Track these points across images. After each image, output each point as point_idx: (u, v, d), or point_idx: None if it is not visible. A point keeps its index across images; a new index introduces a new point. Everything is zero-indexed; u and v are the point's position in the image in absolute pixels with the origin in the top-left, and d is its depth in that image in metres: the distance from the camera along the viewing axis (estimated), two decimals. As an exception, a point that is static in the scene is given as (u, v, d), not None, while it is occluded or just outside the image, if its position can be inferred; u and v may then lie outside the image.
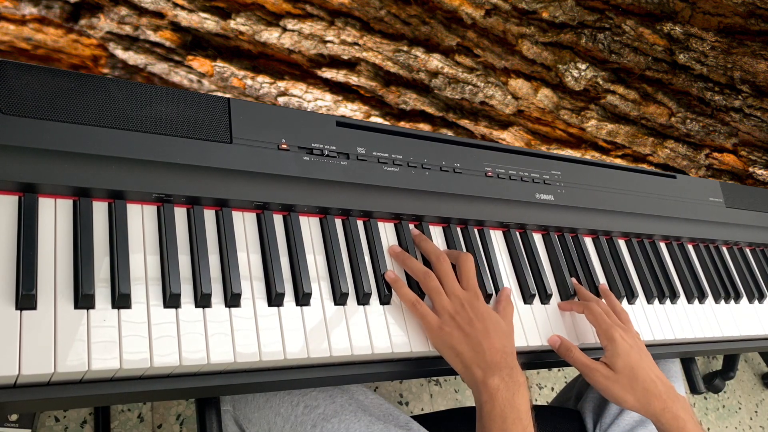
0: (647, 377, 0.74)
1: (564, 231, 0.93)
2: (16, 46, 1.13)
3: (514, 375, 0.66)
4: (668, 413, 0.72)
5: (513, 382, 0.65)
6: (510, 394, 0.64)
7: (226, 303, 0.63)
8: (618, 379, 0.74)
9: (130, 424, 1.15)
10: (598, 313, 0.79)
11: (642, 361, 0.75)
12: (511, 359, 0.67)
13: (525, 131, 1.44)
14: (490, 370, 0.66)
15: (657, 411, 0.73)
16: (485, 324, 0.68)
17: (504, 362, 0.66)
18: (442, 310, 0.70)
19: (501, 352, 0.67)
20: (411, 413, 1.10)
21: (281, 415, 0.71)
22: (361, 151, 0.75)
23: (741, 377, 2.02)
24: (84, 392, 0.55)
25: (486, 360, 0.66)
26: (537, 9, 1.26)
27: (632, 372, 0.74)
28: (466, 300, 0.70)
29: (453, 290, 0.71)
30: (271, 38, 1.21)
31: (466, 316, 0.69)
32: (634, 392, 0.73)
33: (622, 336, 0.76)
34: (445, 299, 0.70)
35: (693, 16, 1.27)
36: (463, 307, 0.69)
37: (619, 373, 0.74)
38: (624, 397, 0.73)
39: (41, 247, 0.57)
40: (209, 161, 0.65)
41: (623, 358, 0.74)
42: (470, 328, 0.68)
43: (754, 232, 1.17)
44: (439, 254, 0.74)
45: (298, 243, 0.70)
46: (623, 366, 0.74)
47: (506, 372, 0.66)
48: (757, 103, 1.37)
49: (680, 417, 0.72)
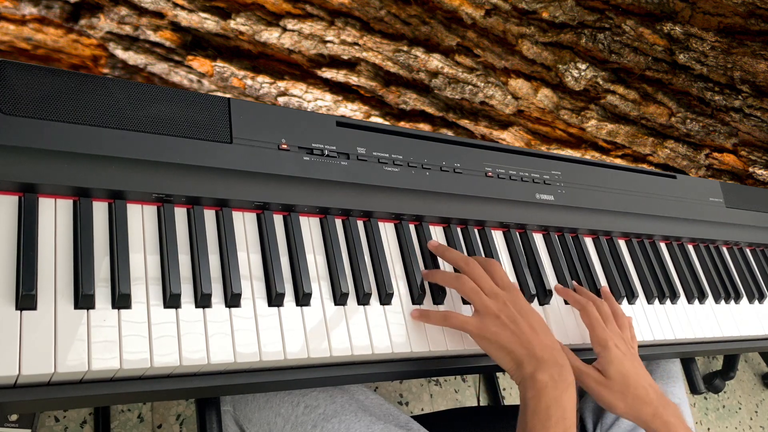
0: (639, 385, 0.74)
1: (564, 231, 0.93)
2: (16, 46, 1.13)
3: (564, 373, 0.65)
4: (658, 419, 0.73)
5: (561, 380, 0.65)
6: (558, 392, 0.64)
7: (226, 303, 0.63)
8: (610, 386, 0.74)
9: (130, 424, 1.15)
10: (594, 317, 0.79)
11: (634, 369, 0.75)
12: (560, 357, 0.67)
13: (525, 131, 1.44)
14: (540, 366, 0.65)
15: (647, 417, 0.73)
16: (530, 321, 0.69)
17: (553, 359, 0.66)
18: (484, 309, 0.69)
19: (550, 348, 0.67)
20: (411, 413, 1.10)
21: (281, 415, 0.71)
22: (362, 151, 0.75)
23: (741, 377, 2.02)
24: (84, 392, 0.55)
25: (536, 356, 0.66)
26: (537, 9, 1.26)
27: (624, 379, 0.74)
28: (508, 298, 0.70)
29: (492, 290, 0.71)
30: (271, 38, 1.21)
31: (510, 314, 0.69)
32: (625, 399, 0.73)
33: (616, 344, 0.76)
34: (485, 299, 0.70)
35: (693, 16, 1.27)
36: (506, 305, 0.69)
37: (611, 379, 0.74)
38: (615, 403, 0.74)
39: (41, 247, 0.57)
40: (209, 161, 0.65)
41: (615, 365, 0.74)
42: (515, 325, 0.68)
43: (754, 232, 1.17)
44: (467, 260, 0.74)
45: (298, 243, 0.70)
46: (615, 373, 0.74)
47: (556, 370, 0.65)
48: (757, 103, 1.37)
49: (671, 422, 0.72)
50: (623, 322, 0.82)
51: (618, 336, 0.78)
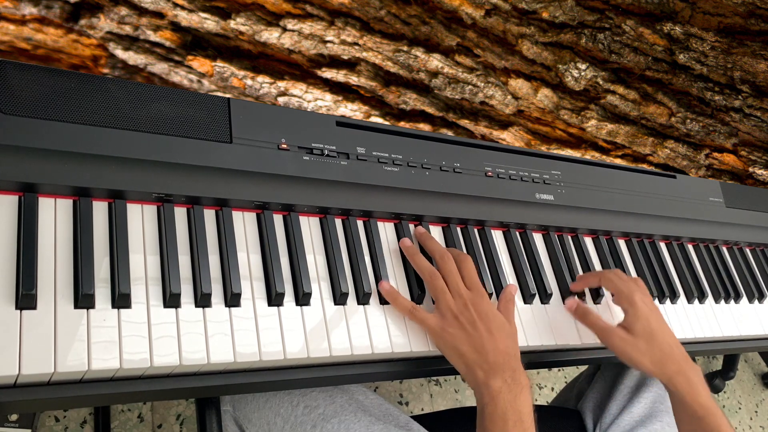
0: (664, 342, 0.74)
1: (564, 231, 0.93)
2: (16, 46, 1.13)
3: (517, 377, 0.65)
4: (682, 376, 0.73)
5: (515, 384, 0.65)
6: (512, 396, 0.64)
7: (226, 303, 0.63)
8: (636, 343, 0.74)
9: (130, 424, 1.15)
10: (617, 279, 0.79)
11: (661, 326, 0.75)
12: (515, 361, 0.67)
13: (525, 131, 1.44)
14: (493, 372, 0.65)
15: (671, 373, 0.73)
16: (489, 325, 0.68)
17: (507, 364, 0.66)
18: (445, 309, 0.69)
19: (504, 354, 0.67)
20: (411, 413, 1.10)
21: (281, 415, 0.71)
22: (361, 151, 0.75)
23: (741, 377, 2.02)
24: (84, 392, 0.55)
25: (489, 361, 0.66)
26: (537, 9, 1.26)
27: (651, 336, 0.74)
28: (470, 300, 0.69)
29: (458, 290, 0.70)
30: (271, 38, 1.21)
31: (470, 317, 0.68)
32: (651, 355, 0.74)
33: (643, 299, 0.77)
34: (449, 298, 0.70)
35: (693, 16, 1.27)
36: (466, 307, 0.69)
37: (637, 336, 0.74)
38: (640, 359, 0.74)
39: (41, 247, 0.57)
40: (209, 161, 0.65)
41: (642, 321, 0.75)
42: (473, 328, 0.67)
43: (754, 232, 1.17)
44: (443, 253, 0.74)
45: (298, 243, 0.70)
46: (642, 330, 0.74)
47: (509, 374, 0.65)
48: (757, 103, 1.37)
49: (694, 381, 0.73)
50: (641, 284, 0.82)
51: (644, 292, 0.78)
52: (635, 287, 0.79)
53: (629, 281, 0.80)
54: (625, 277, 0.81)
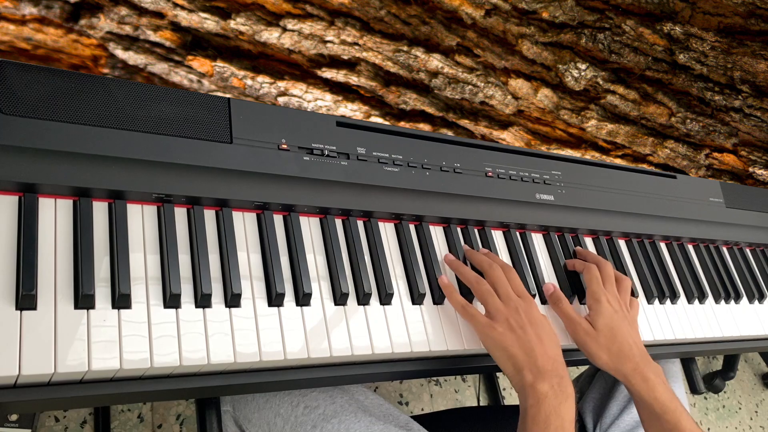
0: (624, 341, 0.76)
1: (564, 231, 0.93)
2: (16, 46, 1.13)
3: (564, 385, 0.67)
4: (638, 375, 0.74)
5: (561, 391, 0.66)
6: (557, 402, 0.65)
7: (226, 303, 0.63)
8: (596, 337, 0.76)
9: (130, 424, 1.15)
10: (595, 277, 0.81)
11: (623, 326, 0.77)
12: (562, 368, 0.69)
13: (525, 131, 1.44)
14: (541, 376, 0.66)
15: (627, 371, 0.74)
16: (538, 330, 0.70)
17: (554, 371, 0.67)
18: (495, 312, 0.71)
19: (553, 360, 0.68)
20: (411, 413, 1.10)
21: (281, 415, 0.71)
22: (362, 151, 0.75)
23: (741, 377, 2.02)
24: (84, 392, 0.55)
25: (537, 365, 0.67)
26: (537, 9, 1.26)
27: (611, 333, 0.76)
28: (521, 305, 0.72)
29: (507, 295, 0.73)
30: (271, 38, 1.21)
31: (520, 320, 0.70)
32: (609, 352, 0.75)
33: (609, 300, 0.79)
34: (498, 301, 0.72)
35: (693, 16, 1.27)
36: (517, 311, 0.71)
37: (599, 331, 0.76)
38: (599, 354, 0.76)
39: (41, 247, 0.57)
40: (209, 161, 0.65)
41: (604, 318, 0.77)
42: (523, 332, 0.69)
43: (754, 232, 1.17)
44: (491, 263, 0.76)
45: (298, 243, 0.70)
46: (603, 326, 0.76)
47: (556, 380, 0.66)
48: (757, 103, 1.37)
49: (650, 379, 0.74)
50: (624, 285, 0.84)
51: (613, 295, 0.80)
52: (605, 290, 0.80)
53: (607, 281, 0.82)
54: (605, 276, 0.82)
